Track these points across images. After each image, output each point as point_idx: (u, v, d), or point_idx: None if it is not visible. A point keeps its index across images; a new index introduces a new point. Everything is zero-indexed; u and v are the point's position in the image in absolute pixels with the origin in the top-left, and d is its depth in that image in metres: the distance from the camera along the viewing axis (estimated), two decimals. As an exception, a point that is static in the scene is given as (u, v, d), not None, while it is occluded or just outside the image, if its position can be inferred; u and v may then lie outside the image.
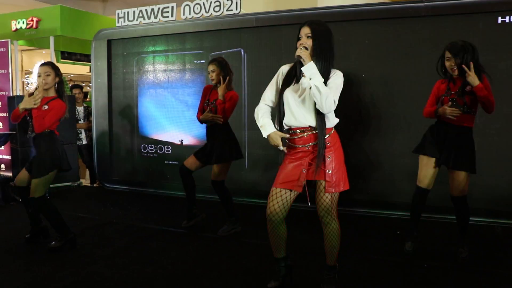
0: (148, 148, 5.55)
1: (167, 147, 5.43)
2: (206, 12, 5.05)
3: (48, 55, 6.99)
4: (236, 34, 4.97)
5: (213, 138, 3.62)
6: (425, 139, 3.00)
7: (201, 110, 3.64)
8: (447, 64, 2.78)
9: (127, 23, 5.53)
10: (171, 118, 5.43)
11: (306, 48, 2.09)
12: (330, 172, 2.18)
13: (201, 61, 5.24)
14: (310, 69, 2.06)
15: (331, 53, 2.15)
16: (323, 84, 2.06)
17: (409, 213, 3.17)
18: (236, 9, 4.93)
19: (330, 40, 2.16)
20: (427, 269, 2.92)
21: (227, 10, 4.97)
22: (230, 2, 4.94)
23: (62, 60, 7.18)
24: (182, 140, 5.35)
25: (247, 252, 3.29)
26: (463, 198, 2.91)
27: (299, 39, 2.15)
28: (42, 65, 3.27)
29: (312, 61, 2.06)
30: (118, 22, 5.58)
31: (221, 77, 3.50)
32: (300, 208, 2.74)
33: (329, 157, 2.18)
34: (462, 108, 2.77)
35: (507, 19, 3.93)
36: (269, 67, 4.80)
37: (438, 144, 2.90)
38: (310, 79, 2.05)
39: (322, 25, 2.16)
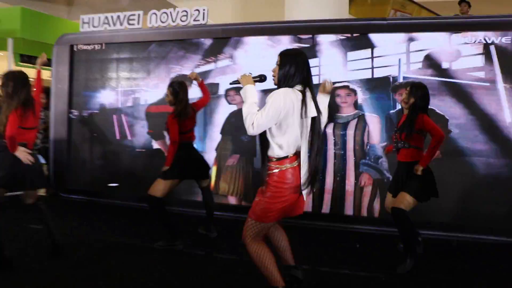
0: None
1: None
2: (173, 22, 5.01)
3: (6, 57, 6.69)
4: (210, 46, 4.98)
5: (193, 155, 3.79)
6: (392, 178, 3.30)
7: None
8: (403, 96, 3.08)
9: (91, 29, 5.42)
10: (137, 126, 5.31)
11: (251, 73, 2.27)
12: (256, 199, 2.29)
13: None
14: (244, 92, 2.20)
15: (293, 77, 2.22)
16: (253, 106, 2.14)
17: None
18: (203, 19, 4.91)
19: (296, 67, 2.23)
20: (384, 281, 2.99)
21: (194, 20, 4.93)
22: (197, 12, 4.92)
23: (21, 63, 6.89)
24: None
25: (219, 268, 3.21)
26: (398, 210, 3.00)
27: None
28: None
29: (249, 85, 2.19)
30: (82, 28, 5.46)
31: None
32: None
33: (263, 187, 2.27)
34: (399, 144, 3.05)
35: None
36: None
37: (397, 183, 3.16)
38: (244, 101, 2.17)
39: (292, 54, 2.28)
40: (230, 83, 2.31)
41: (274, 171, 2.22)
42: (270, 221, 2.27)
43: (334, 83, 4.32)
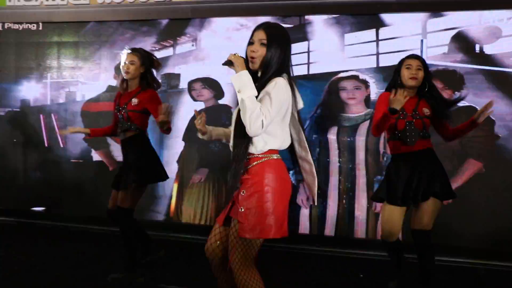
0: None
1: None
2: (130, -3, 4.52)
3: None
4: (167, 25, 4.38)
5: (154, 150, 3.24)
6: (387, 183, 2.68)
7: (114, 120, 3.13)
8: (406, 73, 2.61)
9: (22, 3, 4.63)
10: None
11: (241, 56, 1.89)
12: (242, 210, 1.85)
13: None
14: (240, 80, 1.81)
15: (285, 63, 1.91)
16: (255, 100, 1.79)
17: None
18: (168, -6, 4.43)
19: (287, 48, 1.93)
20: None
21: (157, -4, 4.46)
22: (160, -14, 4.44)
23: None
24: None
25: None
26: (426, 233, 2.58)
27: (250, 44, 1.91)
28: None
29: (245, 70, 1.82)
30: (9, 1, 4.65)
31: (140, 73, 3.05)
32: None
33: (243, 192, 1.86)
34: (420, 133, 2.61)
35: None
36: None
37: (403, 185, 2.61)
38: (239, 91, 1.79)
39: (279, 31, 1.95)
40: (223, 64, 1.89)
41: (256, 162, 1.87)
42: (270, 236, 1.88)
43: (337, 72, 3.82)
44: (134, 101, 2.92)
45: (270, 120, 1.76)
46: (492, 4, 3.53)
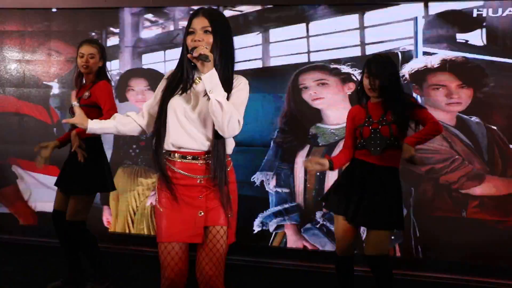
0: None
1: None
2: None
3: None
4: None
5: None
6: (336, 189, 2.58)
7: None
8: (365, 82, 2.53)
9: None
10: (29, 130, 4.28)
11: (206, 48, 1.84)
12: (231, 215, 1.90)
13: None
14: (212, 79, 1.74)
15: (233, 55, 1.87)
16: (226, 100, 1.77)
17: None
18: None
19: (232, 37, 1.89)
20: None
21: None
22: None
23: None
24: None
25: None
26: (382, 258, 2.48)
27: (190, 33, 1.82)
28: None
29: (214, 68, 1.75)
30: None
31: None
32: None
33: (230, 197, 1.92)
34: (388, 141, 2.49)
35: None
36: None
37: (349, 195, 2.55)
38: (211, 91, 1.73)
39: (222, 17, 1.93)
40: (195, 58, 1.70)
41: (230, 166, 1.93)
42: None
43: (308, 63, 3.32)
44: (86, 94, 2.80)
45: (241, 121, 1.80)
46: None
